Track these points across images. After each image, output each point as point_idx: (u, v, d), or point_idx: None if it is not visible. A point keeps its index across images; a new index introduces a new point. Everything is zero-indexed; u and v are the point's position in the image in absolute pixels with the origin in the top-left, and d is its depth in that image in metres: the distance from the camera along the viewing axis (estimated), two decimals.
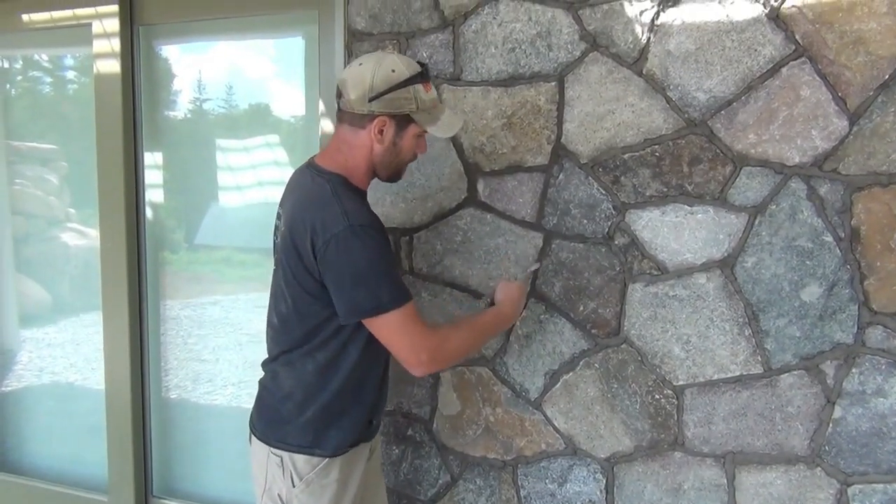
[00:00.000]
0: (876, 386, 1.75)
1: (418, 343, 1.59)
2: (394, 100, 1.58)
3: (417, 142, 1.69)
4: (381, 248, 1.57)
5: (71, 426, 2.94)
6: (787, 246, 1.79)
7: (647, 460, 1.97)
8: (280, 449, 1.70)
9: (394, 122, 1.61)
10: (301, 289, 1.62)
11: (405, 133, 1.64)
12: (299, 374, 1.69)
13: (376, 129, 1.61)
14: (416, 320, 1.61)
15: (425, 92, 1.62)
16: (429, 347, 1.60)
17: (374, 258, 1.54)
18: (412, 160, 1.74)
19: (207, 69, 2.58)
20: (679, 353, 1.91)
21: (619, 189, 1.93)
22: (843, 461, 1.79)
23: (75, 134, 2.80)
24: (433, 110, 1.65)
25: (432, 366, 1.63)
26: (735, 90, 1.80)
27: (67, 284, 2.94)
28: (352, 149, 1.66)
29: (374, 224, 1.59)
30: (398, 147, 1.66)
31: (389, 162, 1.68)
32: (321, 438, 1.69)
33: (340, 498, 1.72)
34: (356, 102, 1.59)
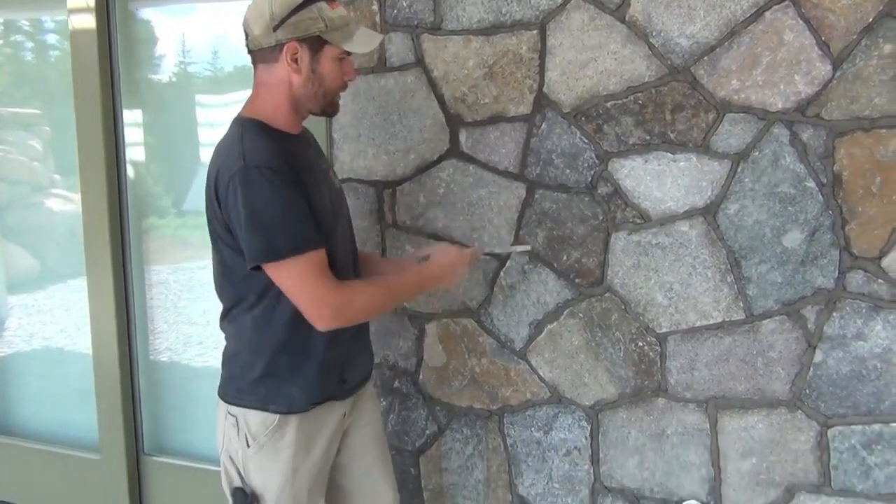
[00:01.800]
0: (856, 329, 1.77)
1: (320, 297, 1.52)
2: (299, 23, 1.51)
3: (341, 66, 1.61)
4: (280, 190, 1.47)
5: (62, 389, 2.95)
6: (770, 192, 1.79)
7: (630, 407, 1.99)
8: (236, 406, 1.65)
9: (306, 46, 1.54)
10: (221, 242, 1.58)
11: (321, 57, 1.56)
12: (241, 330, 1.64)
13: (289, 57, 1.53)
14: (320, 272, 1.52)
15: (331, 10, 1.55)
16: (332, 303, 1.53)
17: (268, 200, 1.46)
18: (342, 88, 1.65)
19: (188, 31, 2.54)
20: (662, 301, 1.92)
21: (602, 138, 1.92)
22: (824, 404, 1.82)
23: (58, 99, 2.77)
24: (345, 28, 1.57)
25: (334, 322, 1.55)
26: (718, 35, 1.79)
27: (54, 250, 2.93)
28: (269, 88, 1.59)
29: (275, 165, 1.48)
30: (318, 74, 1.57)
31: (315, 92, 1.59)
32: (274, 394, 1.62)
33: (300, 462, 1.65)
34: (262, 37, 1.53)
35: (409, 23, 2.05)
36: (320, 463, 1.70)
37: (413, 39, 2.06)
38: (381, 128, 2.12)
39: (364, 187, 2.18)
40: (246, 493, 1.64)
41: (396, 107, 2.10)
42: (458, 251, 1.80)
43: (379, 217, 2.18)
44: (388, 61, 2.09)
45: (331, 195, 1.67)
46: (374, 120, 2.12)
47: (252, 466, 1.64)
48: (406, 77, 2.08)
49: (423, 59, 2.06)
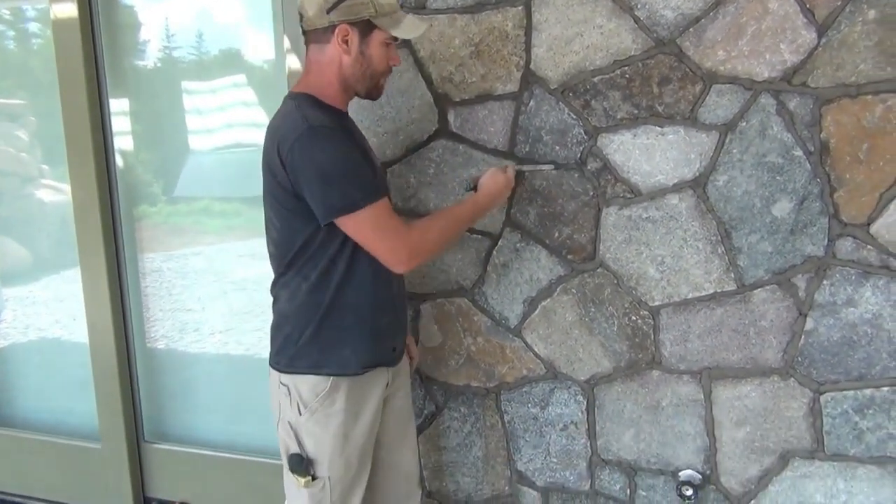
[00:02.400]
0: (846, 296, 1.78)
1: (396, 240, 1.60)
2: (351, 6, 1.60)
3: (388, 52, 1.69)
4: (346, 147, 1.58)
5: (60, 379, 2.96)
6: (758, 162, 1.80)
7: (625, 380, 2.01)
8: (288, 373, 1.71)
9: (356, 29, 1.62)
10: (281, 206, 1.64)
11: (370, 40, 1.65)
12: (294, 293, 1.70)
13: (339, 38, 1.62)
14: (392, 217, 1.61)
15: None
16: (407, 244, 1.61)
17: (338, 156, 1.56)
18: (387, 72, 1.73)
19: (171, 15, 2.52)
20: (654, 275, 1.93)
21: (590, 113, 1.92)
22: (816, 371, 1.84)
23: (42, 88, 2.74)
24: (393, 15, 1.66)
25: (413, 261, 1.63)
26: (703, 6, 1.78)
27: (46, 241, 2.92)
28: (320, 66, 1.67)
29: (337, 126, 1.60)
30: (367, 56, 1.66)
31: (362, 73, 1.67)
32: (327, 355, 1.69)
33: (350, 428, 1.71)
34: (315, 18, 1.62)
35: None
36: (368, 429, 1.76)
37: None
38: (370, 110, 2.11)
39: None
40: (302, 458, 1.71)
41: None
42: (503, 173, 1.86)
43: None
44: None
45: (375, 170, 1.74)
46: (361, 102, 2.09)
47: (305, 433, 1.70)
48: None
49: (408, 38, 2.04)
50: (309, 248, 1.64)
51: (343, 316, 1.68)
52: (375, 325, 1.72)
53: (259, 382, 2.49)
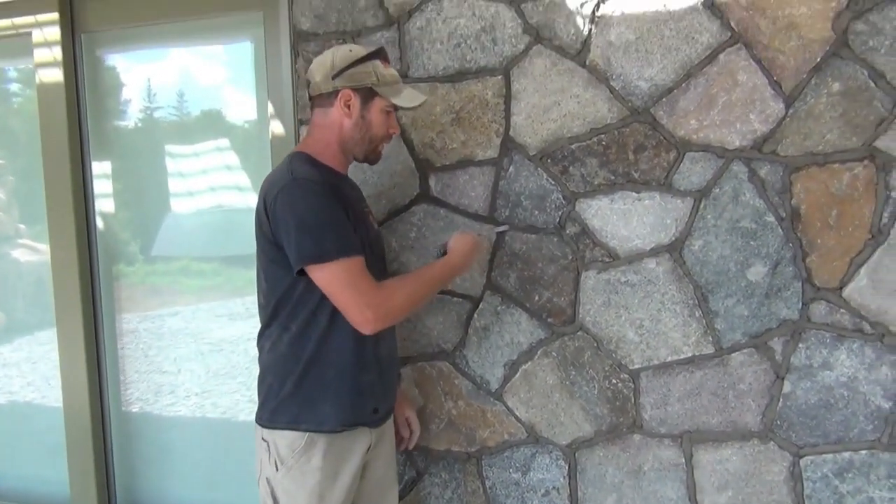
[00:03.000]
0: (822, 359, 1.81)
1: (363, 298, 1.59)
2: (354, 74, 1.70)
3: (387, 119, 1.77)
4: (328, 201, 1.61)
5: (31, 445, 2.88)
6: (732, 227, 1.84)
7: (607, 444, 2.01)
8: (268, 428, 1.70)
9: (358, 95, 1.71)
10: (266, 258, 1.69)
11: (371, 106, 1.73)
12: (275, 344, 1.71)
13: (342, 102, 1.71)
14: (363, 275, 1.61)
15: (384, 68, 1.74)
16: (374, 303, 1.59)
17: (318, 207, 1.59)
18: (386, 138, 1.79)
19: (154, 76, 2.55)
20: (633, 338, 1.95)
21: (568, 179, 1.96)
22: (795, 434, 1.85)
23: (22, 148, 2.75)
24: (395, 85, 1.76)
25: (378, 323, 1.61)
26: (675, 77, 1.85)
27: (21, 302, 2.88)
28: (322, 129, 1.75)
29: (322, 181, 1.63)
30: (367, 121, 1.74)
31: (362, 137, 1.75)
32: (305, 411, 1.68)
33: (326, 488, 1.69)
34: (322, 83, 1.73)
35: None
36: (346, 491, 1.73)
37: None
38: (352, 175, 2.10)
39: None
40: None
41: None
42: (471, 236, 1.86)
43: None
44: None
45: (368, 235, 1.78)
46: None
47: (280, 490, 1.69)
48: None
49: None
50: (290, 298, 1.67)
51: (324, 371, 1.68)
52: (357, 382, 1.71)
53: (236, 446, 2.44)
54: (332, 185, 1.67)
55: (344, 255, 1.58)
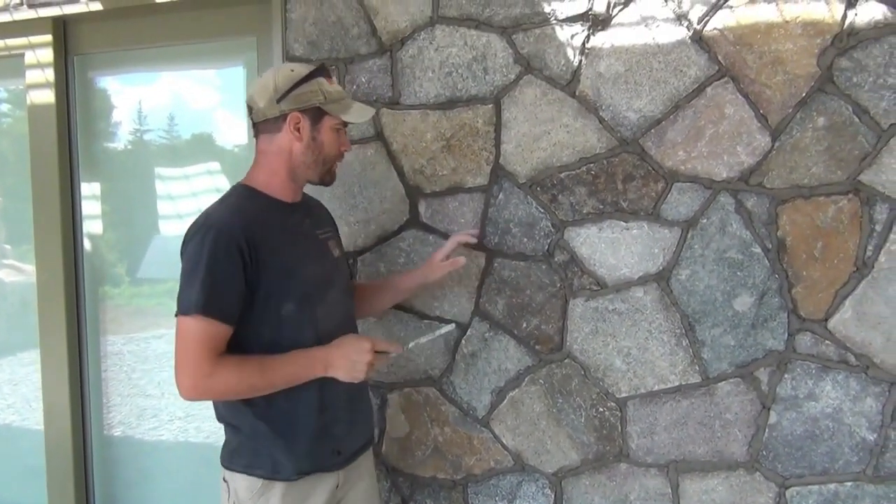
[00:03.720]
0: (807, 390, 1.82)
1: (188, 366, 1.50)
2: (300, 95, 1.63)
3: (338, 137, 1.70)
4: (215, 254, 1.50)
5: (9, 468, 2.83)
6: (719, 258, 1.86)
7: (593, 473, 2.00)
8: (229, 469, 1.65)
9: (307, 116, 1.64)
10: None
11: (321, 126, 1.66)
12: None
13: (291, 126, 1.63)
14: (202, 341, 1.50)
15: (329, 84, 1.67)
16: (193, 373, 1.50)
17: (203, 258, 1.50)
18: (338, 157, 1.73)
19: (146, 99, 2.56)
20: (620, 366, 1.95)
21: (557, 207, 1.97)
22: (781, 465, 1.85)
23: (9, 168, 2.74)
24: (342, 101, 1.69)
25: (194, 394, 1.53)
26: (664, 109, 1.87)
27: (4, 322, 2.86)
28: (268, 157, 1.67)
29: (226, 230, 1.52)
30: (318, 142, 1.66)
31: (314, 160, 1.67)
32: (260, 458, 1.61)
33: None
34: (266, 108, 1.64)
35: (369, 98, 2.10)
36: None
37: None
38: (342, 199, 2.15)
39: None
40: None
41: (357, 179, 2.14)
42: (354, 339, 1.68)
43: None
44: (347, 135, 2.13)
45: (323, 262, 1.73)
46: (334, 192, 2.14)
47: None
48: (366, 150, 2.12)
49: (382, 132, 2.11)
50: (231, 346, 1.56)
51: (275, 420, 1.61)
52: (313, 428, 1.63)
53: (219, 472, 2.40)
54: (265, 222, 1.59)
55: (196, 312, 1.49)
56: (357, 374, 1.63)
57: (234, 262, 1.52)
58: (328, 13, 2.13)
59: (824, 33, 1.75)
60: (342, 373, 1.62)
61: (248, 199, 1.64)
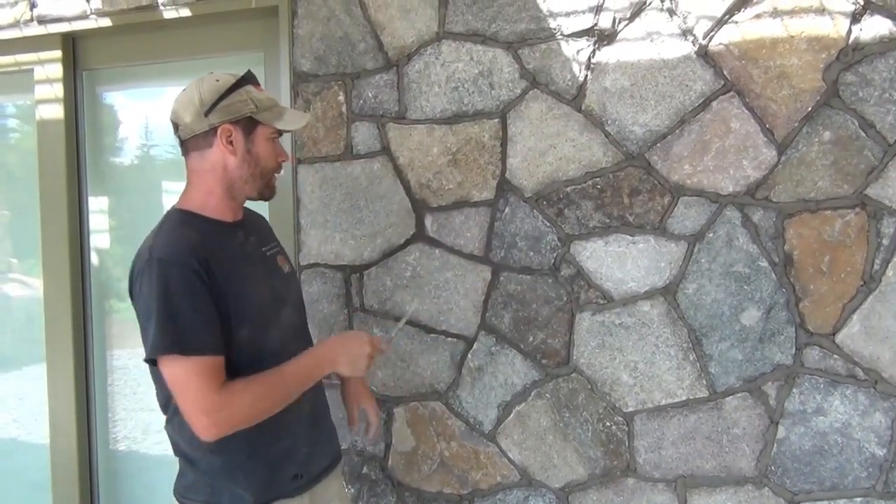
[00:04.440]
0: (816, 405, 1.81)
1: (198, 404, 1.41)
2: (229, 106, 1.53)
3: (275, 147, 1.61)
4: (182, 285, 1.43)
5: (15, 483, 2.83)
6: (726, 272, 1.86)
7: (600, 488, 1.99)
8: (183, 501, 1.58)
9: (239, 127, 1.54)
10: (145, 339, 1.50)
11: (255, 137, 1.57)
12: (179, 427, 1.54)
13: (223, 139, 1.53)
14: (204, 376, 1.41)
15: (258, 92, 1.58)
16: (208, 409, 1.41)
17: (168, 293, 1.41)
18: (276, 169, 1.63)
19: (153, 114, 2.58)
20: (627, 380, 1.95)
21: (563, 221, 1.98)
22: (789, 480, 1.84)
23: (18, 182, 2.76)
24: (274, 108, 1.59)
25: (217, 430, 1.44)
26: (669, 124, 1.88)
27: (10, 336, 2.86)
28: (201, 176, 1.58)
29: (181, 261, 1.44)
30: (254, 154, 1.57)
31: (251, 173, 1.58)
32: (219, 493, 1.54)
33: None
34: (193, 123, 1.53)
35: (375, 112, 2.11)
36: None
37: (379, 128, 2.12)
38: (349, 213, 2.15)
39: (331, 272, 2.19)
40: None
41: (363, 193, 2.14)
42: (362, 333, 1.67)
43: (346, 301, 2.19)
44: (354, 149, 2.15)
45: (273, 281, 1.65)
46: (341, 206, 2.16)
47: None
48: (372, 164, 2.13)
49: (388, 147, 2.12)
50: None
51: (232, 453, 1.52)
52: (269, 455, 1.56)
53: None
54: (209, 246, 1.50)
55: (180, 350, 1.40)
56: (360, 367, 1.61)
57: (194, 288, 1.44)
58: (335, 29, 2.15)
59: (829, 48, 1.75)
60: (347, 367, 1.60)
61: (187, 224, 1.54)
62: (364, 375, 1.64)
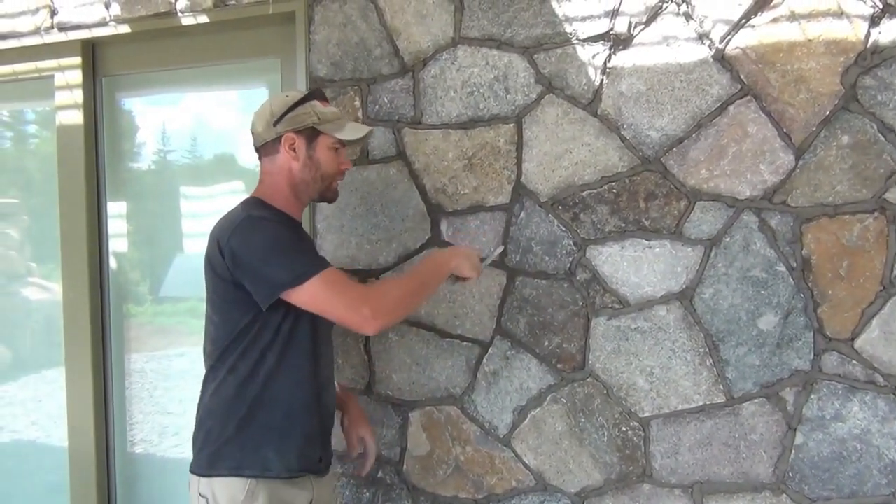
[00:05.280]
0: (834, 411, 1.80)
1: (354, 298, 1.58)
2: (294, 117, 1.73)
3: (336, 156, 1.79)
4: (285, 231, 1.64)
5: (33, 485, 2.86)
6: (743, 277, 1.85)
7: (616, 493, 1.98)
8: (206, 477, 1.63)
9: (302, 136, 1.73)
10: (220, 299, 1.68)
11: (317, 145, 1.75)
12: (220, 389, 1.67)
13: (287, 146, 1.73)
14: (345, 279, 1.62)
15: (323, 106, 1.76)
16: (367, 299, 1.59)
17: (278, 237, 1.61)
18: (338, 174, 1.81)
19: (171, 120, 2.61)
20: (643, 385, 1.94)
21: (579, 226, 1.97)
22: (807, 487, 1.82)
23: (37, 188, 2.79)
24: (337, 121, 1.77)
25: (378, 318, 1.58)
26: (686, 128, 1.87)
27: (29, 340, 2.89)
28: (272, 176, 1.77)
29: (276, 218, 1.67)
30: (315, 160, 1.75)
31: (313, 177, 1.76)
32: (248, 455, 1.62)
33: None
34: (264, 132, 1.75)
35: (391, 117, 2.12)
36: None
37: (394, 133, 2.13)
38: (364, 218, 2.16)
39: None
40: None
41: (379, 197, 2.15)
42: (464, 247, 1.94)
43: None
44: (370, 154, 2.16)
45: None
46: (357, 210, 2.17)
47: None
48: (388, 169, 2.14)
49: (404, 151, 2.12)
50: (243, 339, 1.64)
51: (270, 413, 1.64)
52: (304, 427, 1.68)
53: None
54: (286, 220, 1.72)
55: (319, 268, 1.58)
56: (476, 265, 1.87)
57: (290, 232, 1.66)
58: (351, 34, 2.17)
59: (848, 52, 1.75)
60: (466, 265, 1.83)
61: (265, 208, 1.72)
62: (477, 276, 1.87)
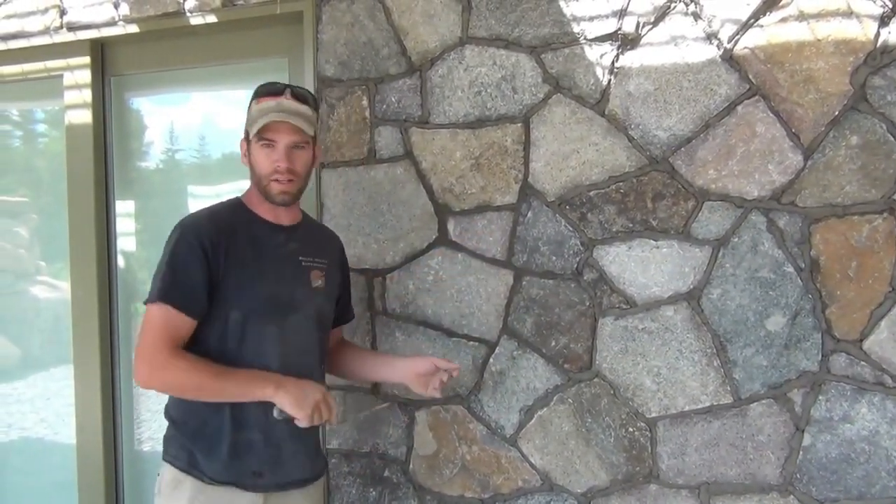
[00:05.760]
0: (842, 412, 1.79)
1: (147, 352, 1.59)
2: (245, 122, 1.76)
3: (269, 154, 1.67)
4: (187, 249, 1.62)
5: (40, 482, 2.87)
6: (751, 277, 1.84)
7: (623, 494, 1.98)
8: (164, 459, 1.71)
9: (245, 139, 1.76)
10: None
11: (251, 146, 1.72)
12: None
13: (241, 150, 1.78)
14: (162, 327, 1.58)
15: (256, 104, 1.71)
16: (151, 362, 1.59)
17: (174, 252, 1.63)
18: (270, 174, 1.68)
19: (180, 119, 2.61)
20: (650, 386, 1.94)
21: (586, 225, 1.97)
22: (815, 488, 1.82)
23: (46, 186, 2.80)
24: (262, 117, 1.67)
25: (145, 380, 1.62)
26: (694, 128, 1.87)
27: (37, 338, 2.90)
28: None
29: (198, 231, 1.64)
30: (252, 161, 1.73)
31: (255, 179, 1.74)
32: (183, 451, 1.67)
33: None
34: None
35: (398, 117, 2.13)
36: None
37: (402, 133, 2.13)
38: (371, 217, 2.17)
39: (354, 276, 2.19)
40: None
41: (386, 197, 2.16)
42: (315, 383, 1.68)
43: (369, 305, 2.20)
44: (377, 154, 2.16)
45: (295, 287, 1.75)
46: (364, 210, 2.17)
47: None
48: (395, 168, 2.14)
49: (411, 151, 2.13)
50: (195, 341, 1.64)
51: (201, 420, 1.67)
52: (231, 440, 1.65)
53: None
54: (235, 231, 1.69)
55: (161, 300, 1.59)
56: (305, 407, 1.60)
57: (196, 257, 1.61)
58: (359, 34, 2.17)
59: (857, 51, 1.74)
60: (290, 400, 1.60)
61: (231, 209, 1.75)
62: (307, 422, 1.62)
